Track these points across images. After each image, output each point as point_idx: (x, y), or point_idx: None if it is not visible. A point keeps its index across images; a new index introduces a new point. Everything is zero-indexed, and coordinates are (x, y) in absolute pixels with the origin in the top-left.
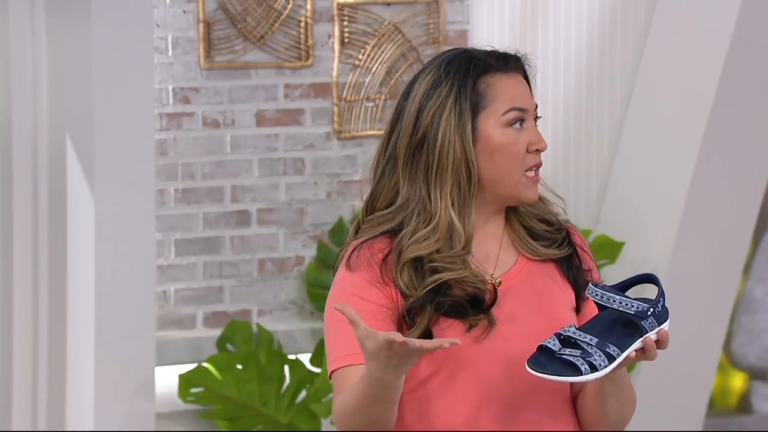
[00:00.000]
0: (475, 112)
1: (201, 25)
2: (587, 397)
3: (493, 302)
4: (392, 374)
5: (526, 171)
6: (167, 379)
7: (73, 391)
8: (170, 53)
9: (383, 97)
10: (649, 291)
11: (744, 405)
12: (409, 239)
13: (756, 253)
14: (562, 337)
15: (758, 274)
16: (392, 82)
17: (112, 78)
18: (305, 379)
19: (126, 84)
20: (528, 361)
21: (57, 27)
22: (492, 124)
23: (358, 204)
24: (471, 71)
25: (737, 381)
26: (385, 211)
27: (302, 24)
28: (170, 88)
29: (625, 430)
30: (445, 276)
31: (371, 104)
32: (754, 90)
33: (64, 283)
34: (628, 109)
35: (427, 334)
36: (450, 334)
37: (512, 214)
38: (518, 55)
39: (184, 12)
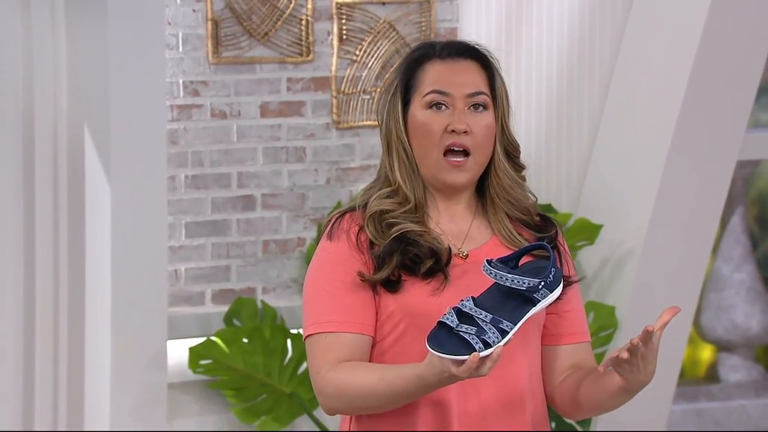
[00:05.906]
0: (408, 96)
1: (209, 23)
2: (606, 381)
3: (449, 259)
4: (446, 384)
5: (446, 155)
6: (178, 351)
7: (91, 362)
8: (181, 49)
9: (379, 90)
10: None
11: (712, 375)
12: (375, 197)
13: (723, 234)
14: (460, 311)
15: (725, 254)
16: (387, 76)
17: (127, 72)
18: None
19: (140, 78)
20: (428, 338)
21: (75, 25)
22: (416, 106)
23: (356, 189)
24: (412, 60)
25: (706, 353)
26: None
27: (303, 22)
28: (181, 82)
29: None
30: (404, 227)
31: (367, 97)
32: (722, 83)
33: (82, 264)
34: (606, 101)
35: (392, 285)
36: (411, 290)
37: (494, 203)
38: (474, 45)
39: (194, 11)
